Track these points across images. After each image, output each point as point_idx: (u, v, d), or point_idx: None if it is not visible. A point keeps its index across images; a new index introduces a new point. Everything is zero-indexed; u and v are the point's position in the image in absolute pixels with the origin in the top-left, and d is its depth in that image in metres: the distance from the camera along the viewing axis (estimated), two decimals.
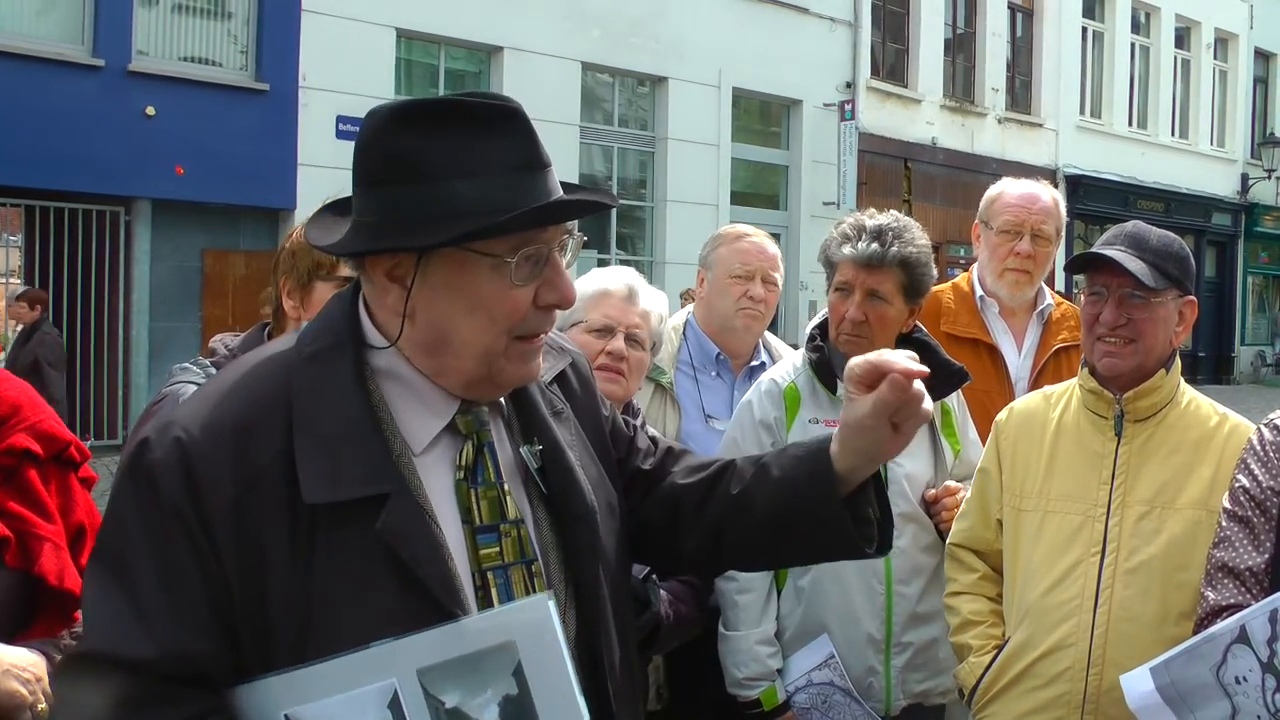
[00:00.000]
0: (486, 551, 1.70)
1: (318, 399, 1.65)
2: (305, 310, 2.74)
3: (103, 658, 1.55)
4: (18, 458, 2.14)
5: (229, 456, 1.58)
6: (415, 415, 1.71)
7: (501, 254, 1.64)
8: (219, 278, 14.43)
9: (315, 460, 1.60)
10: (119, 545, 1.60)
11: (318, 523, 1.59)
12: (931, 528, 3.27)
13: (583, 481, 1.82)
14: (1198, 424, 2.85)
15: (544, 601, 1.59)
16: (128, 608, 1.55)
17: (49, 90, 12.85)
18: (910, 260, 3.20)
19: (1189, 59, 29.23)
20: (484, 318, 1.66)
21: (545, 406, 1.86)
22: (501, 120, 1.66)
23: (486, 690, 1.55)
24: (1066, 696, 2.77)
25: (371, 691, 1.54)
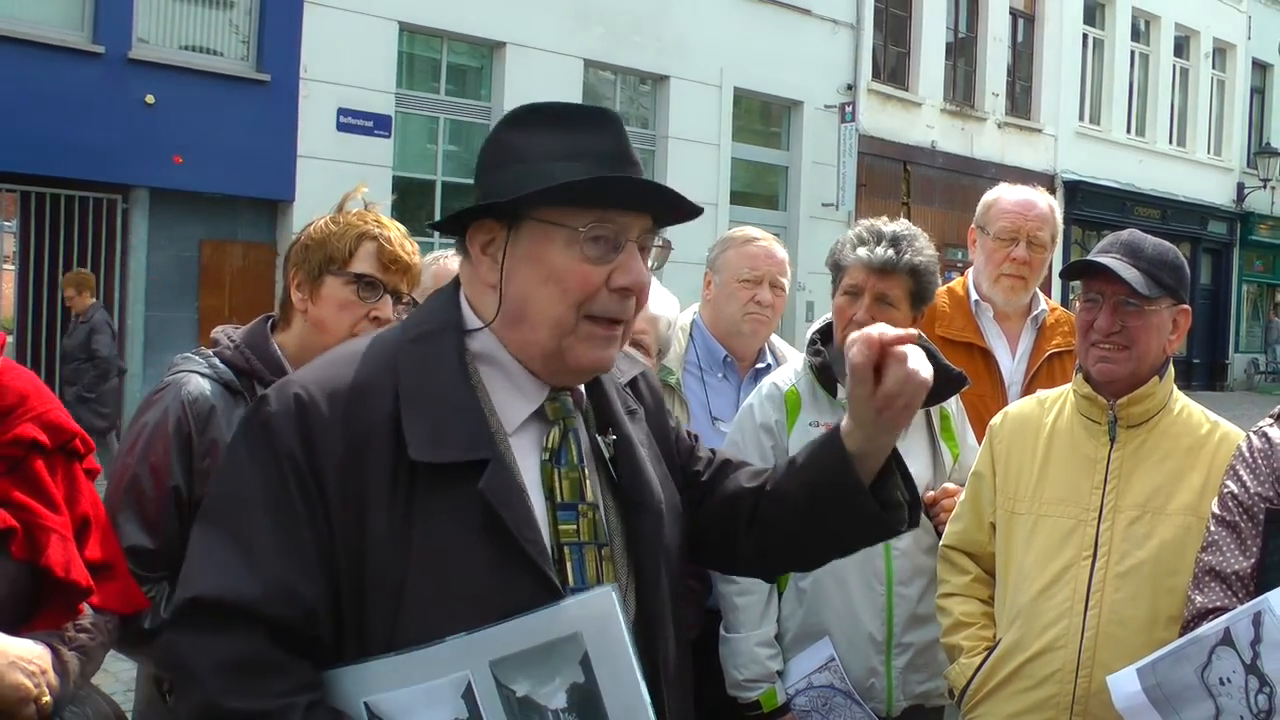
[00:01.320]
0: (566, 528, 1.79)
1: (423, 373, 1.77)
2: (314, 304, 2.74)
3: (208, 602, 1.63)
4: (25, 448, 2.13)
5: (341, 415, 1.70)
6: (509, 398, 1.83)
7: (575, 226, 1.75)
8: (216, 268, 14.38)
9: (421, 425, 1.71)
10: (231, 492, 1.72)
11: (417, 485, 1.69)
12: (931, 529, 3.28)
13: (650, 475, 1.91)
14: (1189, 431, 2.88)
15: (609, 594, 1.67)
16: (237, 550, 1.65)
17: (48, 76, 12.78)
18: (920, 268, 3.23)
19: (1188, 68, 29.27)
20: (556, 289, 1.77)
21: (620, 403, 1.96)
22: (595, 118, 1.84)
23: (555, 679, 1.62)
24: (1056, 698, 2.80)
25: (449, 682, 1.61)
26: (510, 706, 1.61)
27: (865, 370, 1.81)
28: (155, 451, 2.54)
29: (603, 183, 1.74)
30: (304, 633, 1.64)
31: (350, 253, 2.73)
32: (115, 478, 2.51)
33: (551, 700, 1.62)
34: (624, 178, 1.76)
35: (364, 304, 2.72)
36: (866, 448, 1.89)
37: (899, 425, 1.88)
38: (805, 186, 20.50)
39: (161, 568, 2.51)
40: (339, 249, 2.73)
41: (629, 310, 1.82)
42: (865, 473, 1.90)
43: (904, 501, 1.96)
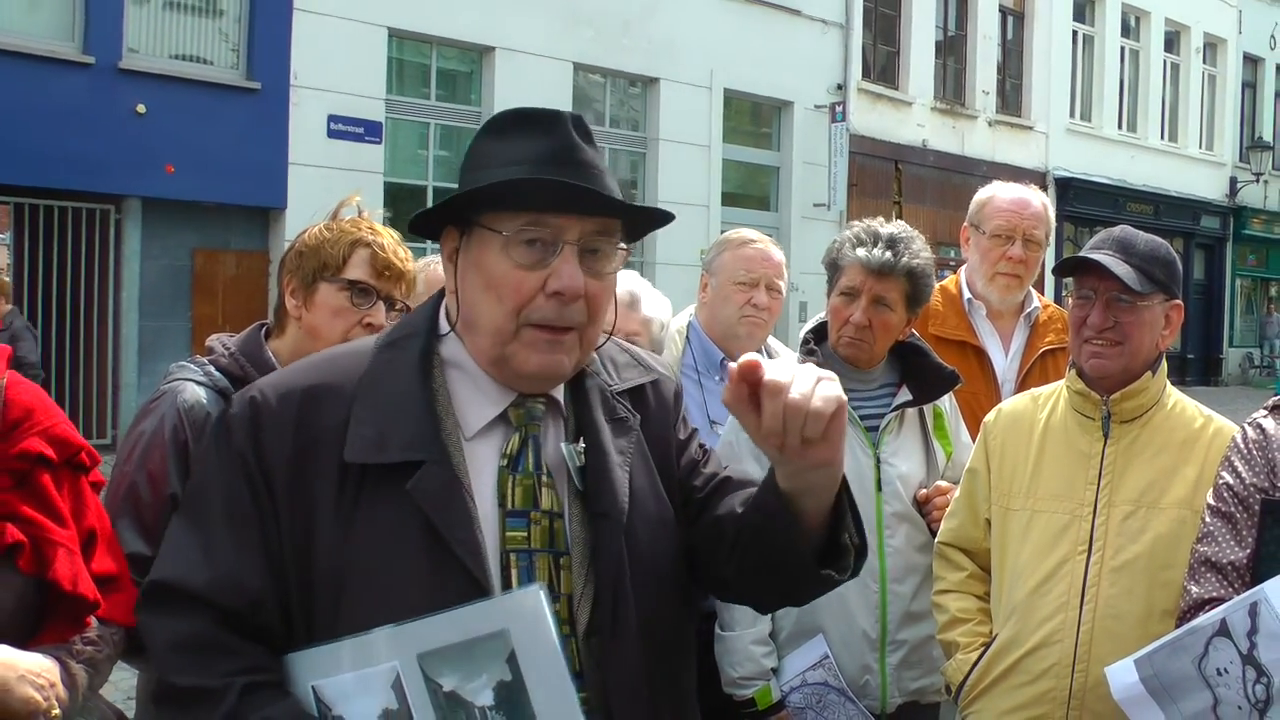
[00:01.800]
0: (513, 534, 1.79)
1: (382, 377, 1.82)
2: (308, 311, 2.75)
3: (165, 585, 1.75)
4: (31, 462, 2.13)
5: (293, 417, 1.77)
6: (472, 402, 1.84)
7: (506, 230, 1.76)
8: (209, 277, 14.37)
9: (366, 427, 1.76)
10: (196, 487, 1.84)
11: (363, 486, 1.74)
12: (925, 527, 3.29)
13: (617, 483, 1.86)
14: (1183, 425, 2.89)
15: (536, 592, 1.66)
16: (196, 540, 1.76)
17: (39, 87, 12.77)
18: (917, 271, 3.24)
19: (1179, 63, 29.32)
20: (493, 295, 1.78)
21: (603, 411, 1.93)
22: (545, 120, 1.82)
23: (482, 675, 1.64)
24: (1052, 693, 2.80)
25: (379, 672, 1.65)
26: (437, 700, 1.64)
27: (737, 407, 1.63)
28: (152, 459, 2.55)
29: (515, 185, 1.74)
30: (251, 620, 1.73)
31: (344, 259, 2.74)
32: (113, 486, 2.51)
33: (478, 697, 1.64)
34: (537, 179, 1.74)
35: (357, 310, 2.73)
36: (795, 485, 1.73)
37: (818, 461, 1.65)
38: (797, 187, 20.52)
39: None
40: (332, 256, 2.74)
41: (571, 316, 1.79)
42: (809, 511, 1.76)
43: (851, 546, 1.83)
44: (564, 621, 1.78)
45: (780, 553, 1.79)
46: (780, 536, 1.77)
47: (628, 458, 1.91)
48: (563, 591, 1.80)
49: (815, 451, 1.62)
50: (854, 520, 1.84)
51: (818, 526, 1.79)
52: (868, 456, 3.27)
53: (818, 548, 1.79)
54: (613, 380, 1.98)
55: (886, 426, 3.30)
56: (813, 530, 1.78)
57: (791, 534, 1.75)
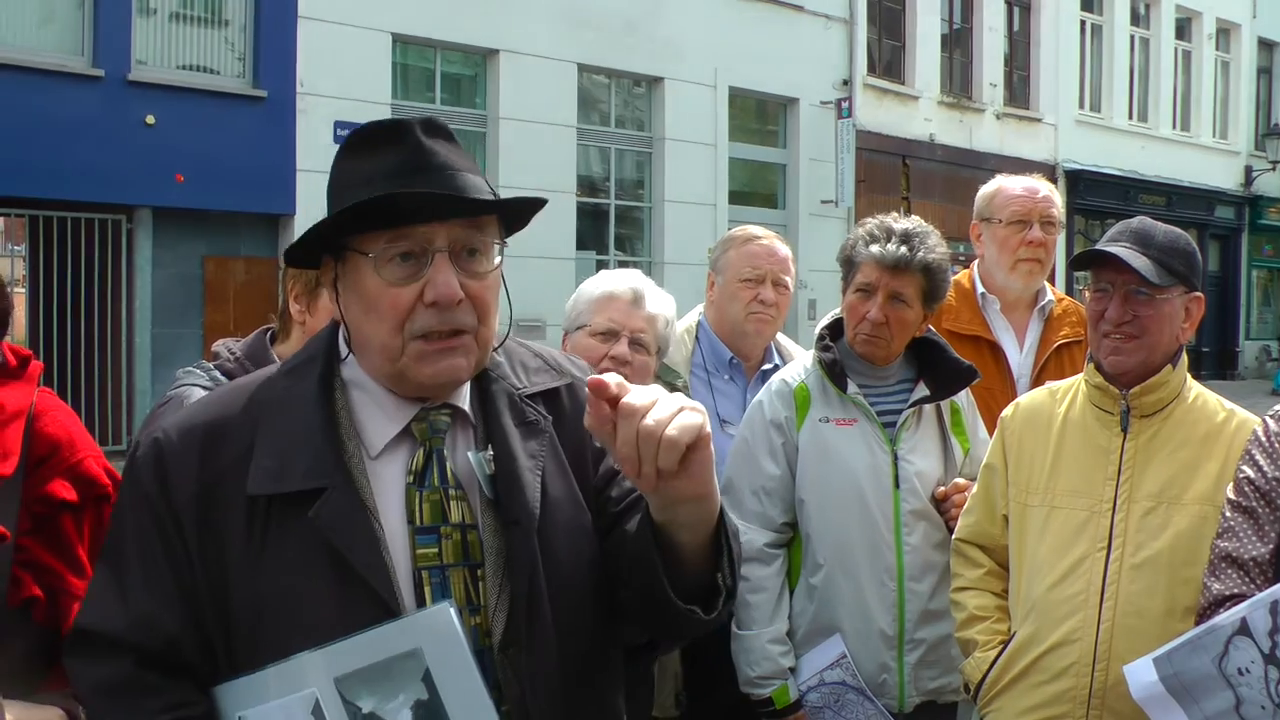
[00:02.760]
0: (424, 551, 1.77)
1: (281, 406, 1.80)
2: (311, 316, 2.76)
3: (85, 631, 1.76)
4: (54, 507, 2.09)
5: (196, 454, 1.77)
6: (374, 421, 1.83)
7: (371, 252, 1.75)
8: (220, 284, 14.42)
9: (267, 458, 1.75)
10: (111, 534, 1.82)
11: (270, 517, 1.73)
12: (942, 525, 3.28)
13: (528, 488, 1.82)
14: (1204, 419, 2.85)
15: (445, 610, 1.66)
16: (111, 586, 1.77)
17: (50, 101, 12.85)
18: (933, 266, 3.23)
19: (1190, 50, 29.07)
20: (374, 316, 1.77)
21: (511, 415, 1.88)
22: (388, 134, 1.79)
23: (399, 696, 1.65)
24: (1072, 691, 2.77)
25: (299, 699, 1.66)
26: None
27: (597, 429, 1.59)
28: None
29: (365, 206, 1.71)
30: (171, 657, 1.73)
31: None
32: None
33: (397, 717, 1.64)
34: (385, 195, 1.71)
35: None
36: (666, 517, 1.69)
37: (680, 494, 1.61)
38: (804, 184, 20.47)
39: None
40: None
41: (456, 320, 1.76)
42: (684, 544, 1.72)
43: (723, 587, 1.77)
44: (485, 634, 1.77)
45: (648, 583, 1.74)
46: (649, 566, 1.73)
47: (539, 461, 1.86)
48: (482, 603, 1.78)
49: (676, 484, 1.59)
50: (729, 561, 1.78)
51: (696, 561, 1.75)
52: (885, 453, 3.25)
53: (696, 584, 1.75)
54: (521, 384, 1.93)
55: (904, 423, 3.29)
56: (689, 565, 1.74)
57: (654, 564, 1.72)
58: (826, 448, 3.26)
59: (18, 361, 2.11)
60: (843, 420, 3.27)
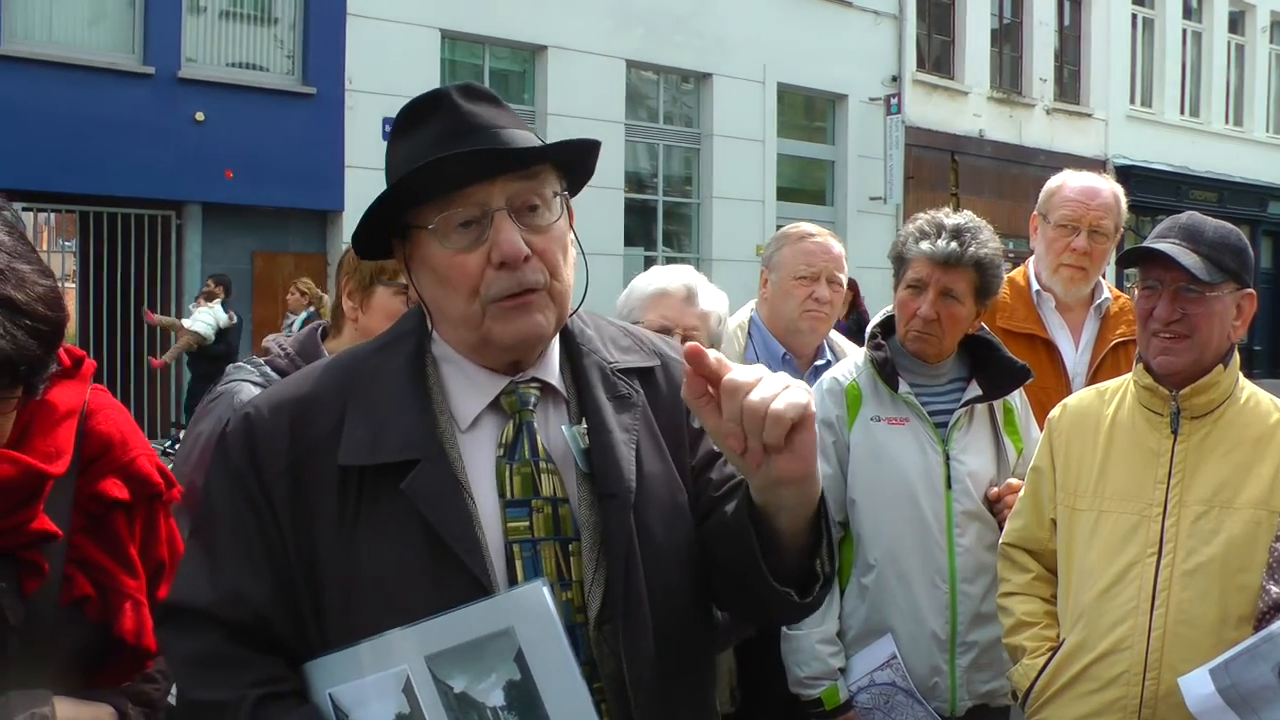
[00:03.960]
0: (515, 525, 1.76)
1: (374, 380, 1.81)
2: (364, 313, 2.79)
3: (176, 605, 1.79)
4: (105, 506, 2.07)
5: (287, 428, 1.77)
6: (465, 394, 1.82)
7: (431, 224, 1.75)
8: (268, 279, 14.58)
9: (360, 430, 1.75)
10: (203, 507, 1.84)
11: (363, 490, 1.73)
12: (995, 526, 3.23)
13: (623, 461, 1.80)
14: (1257, 421, 2.78)
15: (539, 589, 1.63)
16: (201, 561, 1.79)
17: (101, 98, 13.04)
18: (985, 261, 3.19)
19: (1243, 44, 28.72)
20: (448, 288, 1.77)
21: (605, 389, 1.87)
22: (427, 107, 1.81)
23: (491, 675, 1.62)
24: (1123, 701, 2.71)
25: (390, 675, 1.65)
26: (449, 702, 1.62)
27: (694, 403, 1.58)
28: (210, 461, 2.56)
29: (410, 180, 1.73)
30: (261, 633, 1.74)
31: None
32: None
33: (489, 697, 1.62)
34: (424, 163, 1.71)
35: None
36: (766, 500, 1.67)
37: (784, 474, 1.59)
38: (852, 180, 20.41)
39: None
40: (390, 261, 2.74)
41: (527, 279, 1.74)
42: (783, 530, 1.70)
43: (821, 575, 1.76)
44: (577, 610, 1.74)
45: (743, 562, 1.73)
46: (745, 544, 1.71)
47: (633, 435, 1.84)
48: (574, 578, 1.75)
49: (780, 463, 1.56)
50: (828, 548, 1.76)
51: (792, 548, 1.73)
52: (937, 453, 3.22)
53: (791, 570, 1.74)
54: (612, 359, 1.92)
55: (956, 423, 3.25)
56: (786, 550, 1.72)
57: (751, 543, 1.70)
58: (878, 447, 3.23)
59: (71, 362, 2.10)
60: (894, 420, 3.24)
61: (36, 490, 1.95)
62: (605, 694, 1.72)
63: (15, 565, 1.95)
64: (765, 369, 1.59)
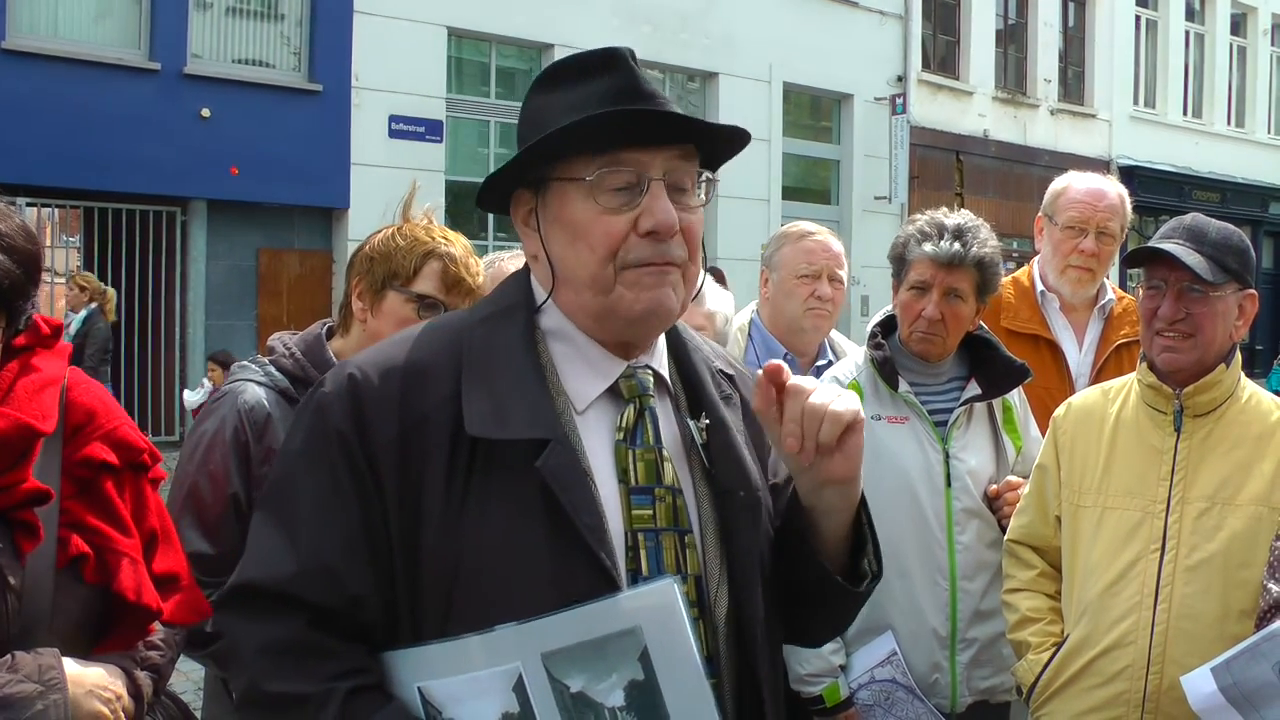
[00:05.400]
0: (639, 512, 1.70)
1: (486, 352, 1.71)
2: (373, 316, 2.75)
3: (251, 586, 1.64)
4: (94, 469, 2.11)
5: (397, 395, 1.65)
6: (580, 375, 1.75)
7: (587, 176, 1.68)
8: (274, 276, 14.55)
9: (481, 402, 1.65)
10: (282, 477, 1.70)
11: (475, 465, 1.63)
12: (995, 524, 3.25)
13: (745, 459, 1.80)
14: (1259, 419, 2.82)
15: (670, 587, 1.56)
16: (282, 535, 1.64)
17: (107, 94, 13.01)
18: (986, 260, 3.21)
19: (1245, 46, 28.68)
20: (585, 246, 1.69)
21: (714, 387, 1.86)
22: (601, 62, 1.73)
23: (612, 675, 1.54)
24: (1126, 695, 2.75)
25: (498, 673, 1.54)
26: (564, 702, 1.53)
27: (765, 412, 1.65)
28: (213, 460, 2.58)
29: (585, 124, 1.65)
30: (350, 617, 1.62)
31: (414, 271, 2.73)
32: (176, 486, 2.54)
33: (608, 698, 1.53)
34: (610, 112, 1.65)
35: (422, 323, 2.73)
36: (814, 503, 1.74)
37: (834, 474, 1.68)
38: (857, 180, 20.38)
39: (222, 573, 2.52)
40: (403, 265, 2.73)
41: (669, 253, 1.70)
42: (827, 532, 1.77)
43: (870, 573, 1.81)
44: (692, 604, 1.68)
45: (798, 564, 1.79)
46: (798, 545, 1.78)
47: (744, 436, 1.84)
48: (690, 572, 1.71)
49: (831, 464, 1.66)
50: (874, 547, 1.84)
51: (835, 553, 1.80)
52: (937, 451, 3.24)
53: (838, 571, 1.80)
54: (712, 360, 1.92)
55: (955, 421, 3.27)
56: (830, 554, 1.79)
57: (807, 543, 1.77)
58: (878, 446, 3.24)
59: (50, 330, 2.15)
60: (894, 418, 3.26)
61: (28, 448, 2.00)
62: (721, 690, 1.69)
63: (9, 528, 1.98)
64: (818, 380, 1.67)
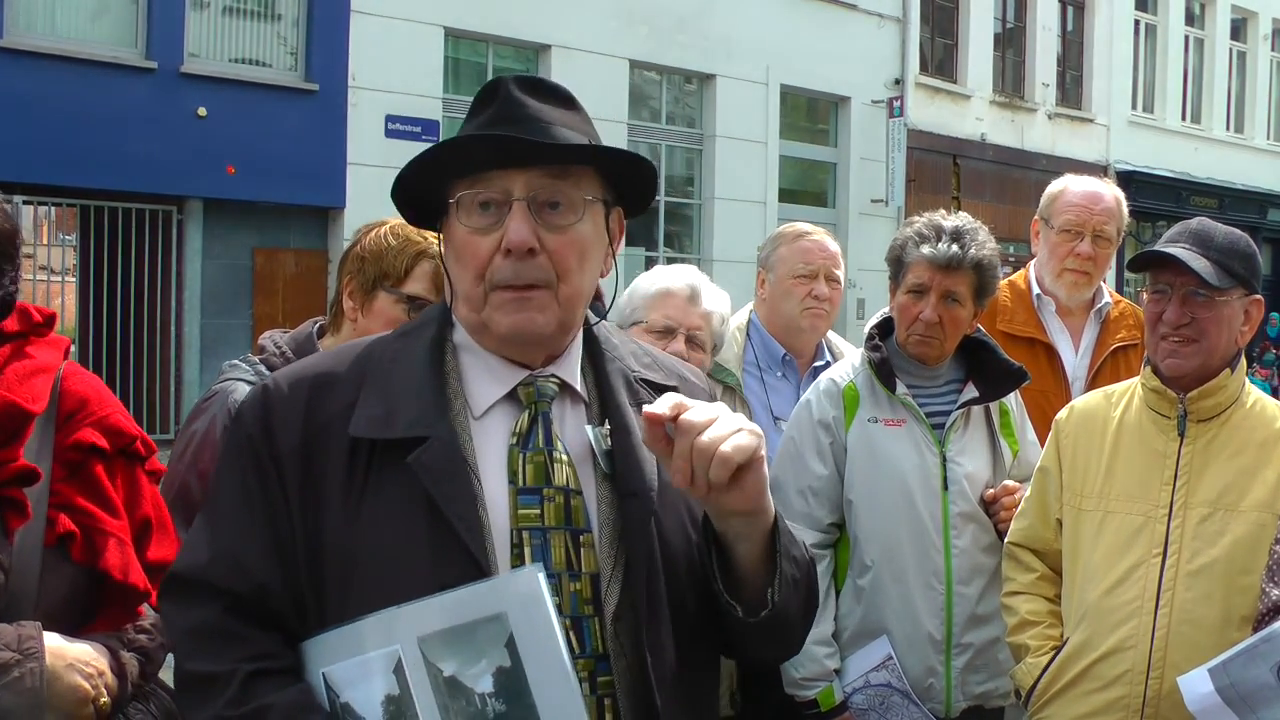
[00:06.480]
0: (525, 512, 1.75)
1: (392, 363, 1.83)
2: (364, 315, 2.74)
3: (177, 575, 1.79)
4: (84, 453, 2.15)
5: (303, 402, 1.79)
6: (482, 383, 1.83)
7: (454, 198, 1.79)
8: (269, 276, 14.57)
9: (373, 407, 1.76)
10: (213, 479, 1.87)
11: (370, 466, 1.73)
12: (991, 528, 3.25)
13: (645, 462, 1.82)
14: (1263, 425, 2.81)
15: (534, 574, 1.62)
16: (205, 531, 1.79)
17: (103, 92, 13.03)
18: (984, 263, 3.20)
19: (1245, 51, 28.74)
20: (460, 265, 1.81)
21: (628, 395, 1.89)
22: (488, 94, 1.83)
23: (481, 660, 1.60)
24: (1125, 700, 2.73)
25: (381, 655, 1.63)
26: (437, 685, 1.60)
27: (654, 447, 1.67)
28: (203, 459, 2.57)
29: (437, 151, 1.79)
30: (260, 604, 1.73)
31: (405, 271, 2.72)
32: (166, 485, 2.53)
33: (478, 683, 1.59)
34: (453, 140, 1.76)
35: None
36: (721, 528, 1.76)
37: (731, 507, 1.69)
38: (854, 183, 20.42)
39: None
40: (394, 266, 2.72)
41: (530, 274, 1.75)
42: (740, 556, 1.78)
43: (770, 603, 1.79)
44: (586, 601, 1.74)
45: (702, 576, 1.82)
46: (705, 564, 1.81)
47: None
48: (584, 570, 1.75)
49: (727, 498, 1.65)
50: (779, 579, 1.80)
51: (753, 578, 1.79)
52: (934, 455, 3.23)
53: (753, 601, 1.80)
54: (634, 368, 1.95)
55: (952, 424, 3.26)
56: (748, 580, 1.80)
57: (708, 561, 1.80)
58: (875, 448, 3.24)
59: (42, 319, 2.20)
60: (891, 421, 3.25)
61: (17, 428, 2.05)
62: (617, 688, 1.72)
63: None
64: (724, 407, 1.68)
